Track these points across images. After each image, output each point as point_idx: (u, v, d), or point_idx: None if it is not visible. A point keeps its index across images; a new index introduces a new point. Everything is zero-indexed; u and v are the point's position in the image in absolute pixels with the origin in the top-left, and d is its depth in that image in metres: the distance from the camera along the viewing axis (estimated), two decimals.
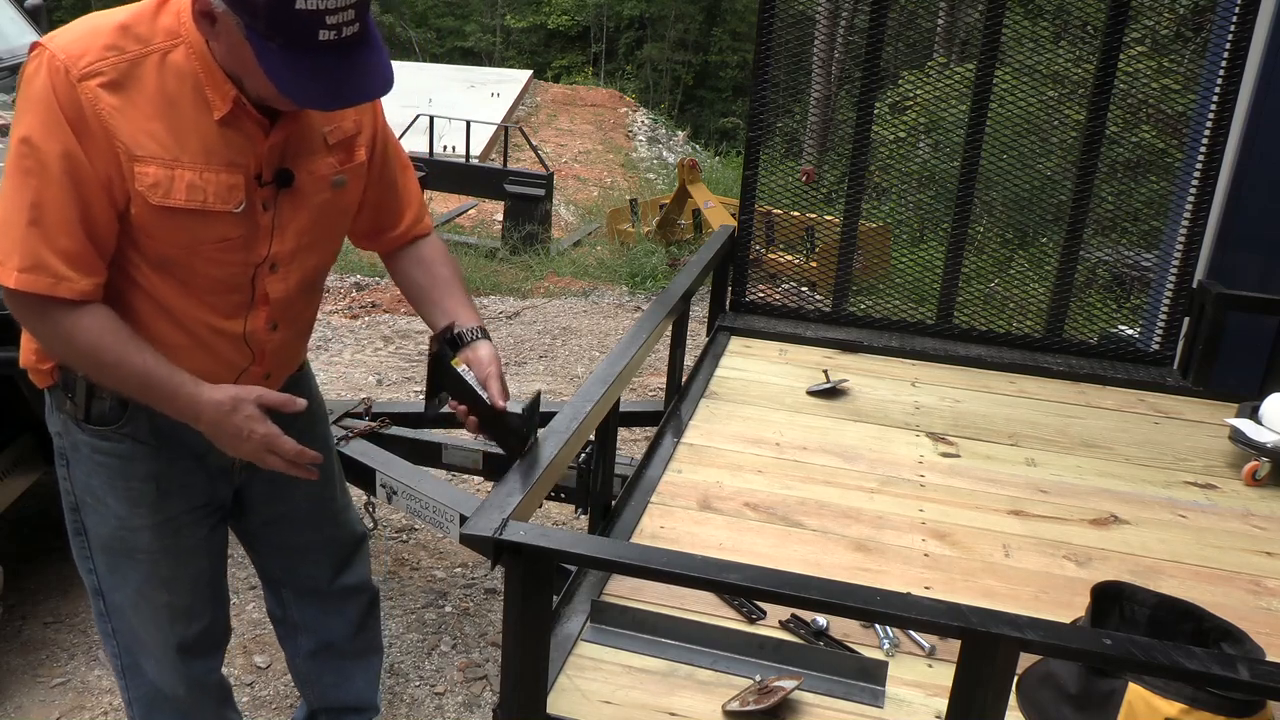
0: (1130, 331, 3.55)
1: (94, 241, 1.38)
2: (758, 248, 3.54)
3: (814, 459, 2.35)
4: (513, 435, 1.55)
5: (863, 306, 3.42)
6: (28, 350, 1.58)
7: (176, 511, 1.66)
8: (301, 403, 1.54)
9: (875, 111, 3.26)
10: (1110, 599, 1.59)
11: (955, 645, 1.20)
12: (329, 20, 1.27)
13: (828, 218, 3.90)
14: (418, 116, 9.86)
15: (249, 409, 1.48)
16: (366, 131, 1.61)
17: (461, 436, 3.12)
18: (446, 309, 1.68)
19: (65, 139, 1.33)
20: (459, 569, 3.30)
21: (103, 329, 1.41)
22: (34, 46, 1.37)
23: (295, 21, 1.26)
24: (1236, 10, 2.91)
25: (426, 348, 1.65)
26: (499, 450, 2.84)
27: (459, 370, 1.55)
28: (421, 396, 4.87)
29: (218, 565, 1.80)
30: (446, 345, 1.57)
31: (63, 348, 1.45)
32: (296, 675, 2.14)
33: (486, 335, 1.65)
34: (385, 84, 1.37)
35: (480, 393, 1.55)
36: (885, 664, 1.54)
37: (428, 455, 2.94)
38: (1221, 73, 2.96)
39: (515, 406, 1.56)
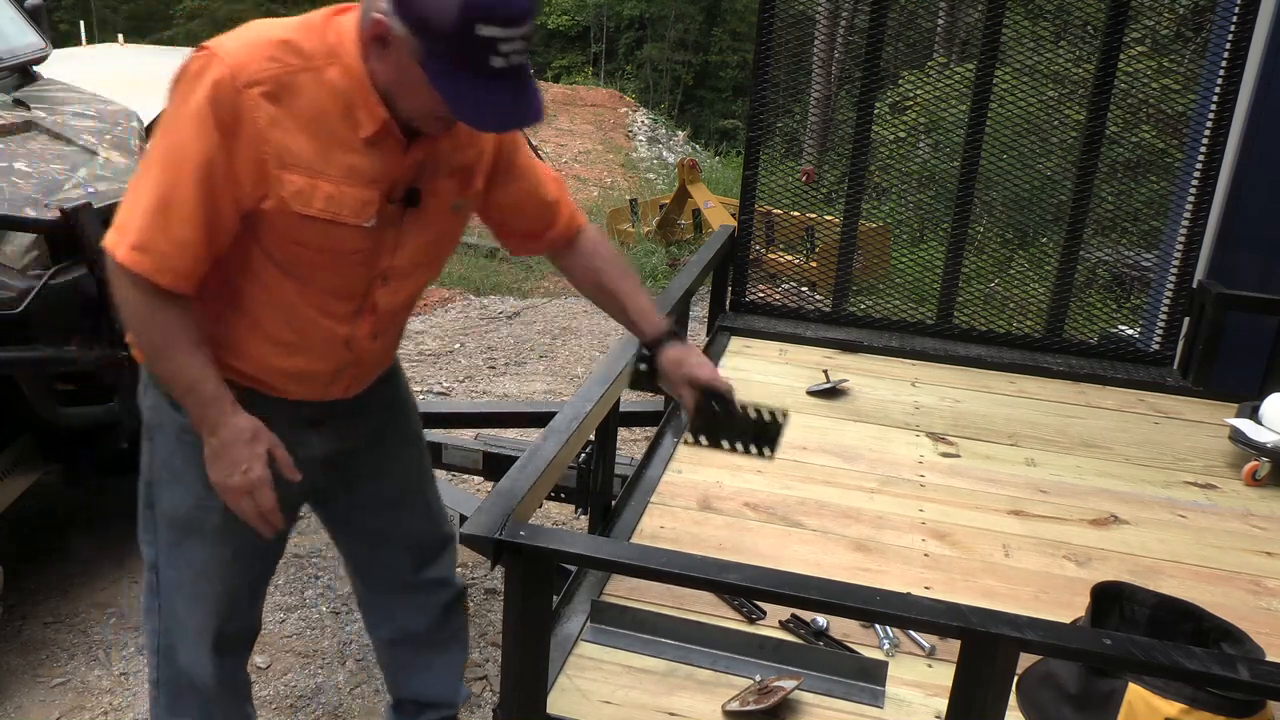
0: (1130, 331, 3.56)
1: (208, 243, 1.46)
2: (758, 248, 3.54)
3: (814, 459, 2.35)
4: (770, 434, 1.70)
5: (863, 306, 3.42)
6: None
7: None
8: (295, 476, 1.59)
9: (875, 111, 3.26)
10: (1110, 599, 1.59)
11: (955, 645, 1.20)
12: (503, 48, 1.34)
13: (828, 218, 3.91)
14: None
15: (261, 449, 1.54)
16: (486, 160, 1.68)
17: (461, 436, 3.12)
18: (637, 306, 1.77)
19: (210, 141, 1.39)
20: (459, 569, 3.29)
21: (182, 325, 1.49)
22: (201, 50, 1.43)
23: (474, 47, 1.33)
24: (1236, 10, 2.91)
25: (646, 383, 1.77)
26: (499, 450, 2.84)
27: (718, 410, 1.67)
28: (422, 397, 4.87)
29: (269, 565, 1.84)
30: (711, 401, 1.68)
31: (138, 326, 1.51)
32: (379, 661, 2.17)
33: (674, 334, 1.74)
34: (540, 112, 1.46)
35: (749, 414, 1.69)
36: (885, 664, 1.54)
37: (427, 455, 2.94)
38: (1221, 73, 2.96)
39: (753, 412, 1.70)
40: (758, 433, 1.70)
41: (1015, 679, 1.37)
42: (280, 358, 1.58)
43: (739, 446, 1.71)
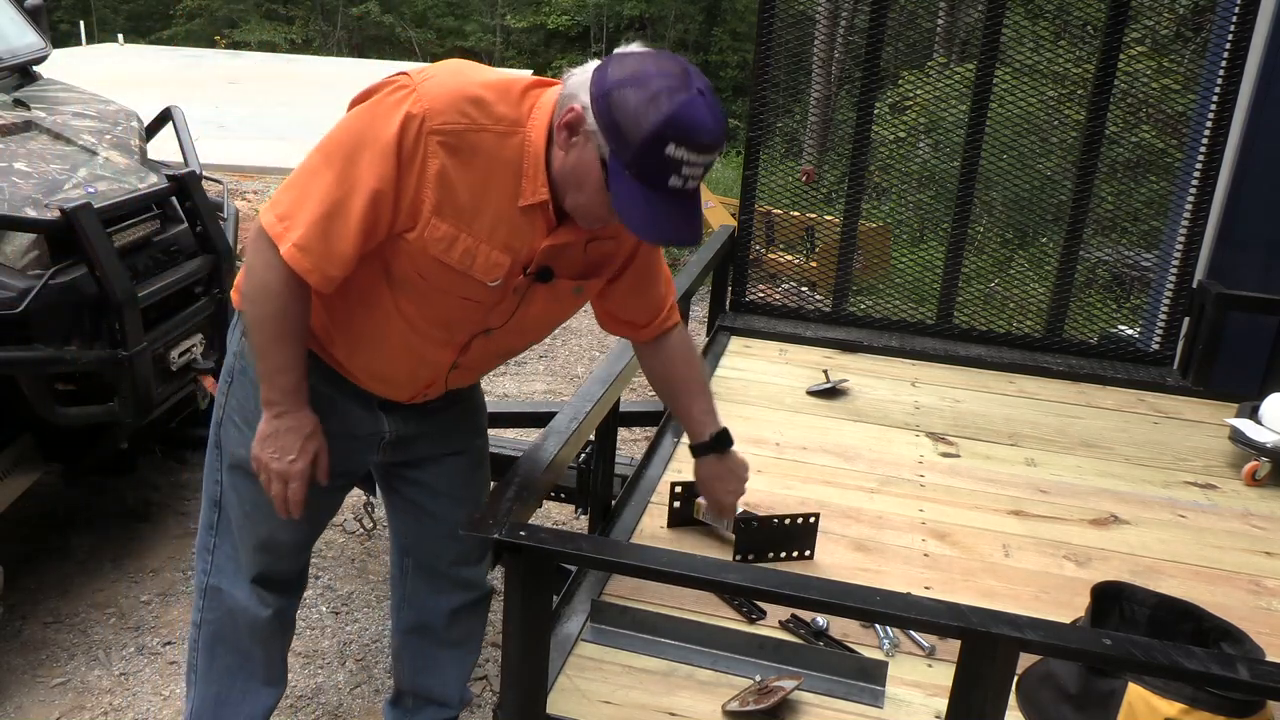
0: (1130, 331, 3.56)
1: (360, 259, 1.51)
2: (758, 248, 3.54)
3: (814, 459, 2.35)
4: (806, 537, 1.92)
5: (863, 306, 3.42)
6: (243, 270, 1.68)
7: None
8: (321, 480, 1.66)
9: (875, 111, 3.26)
10: (1110, 599, 1.59)
11: (955, 645, 1.20)
12: (684, 171, 1.38)
13: (828, 218, 3.91)
14: None
15: (312, 446, 1.61)
16: (622, 256, 1.72)
17: None
18: (688, 411, 1.86)
19: (388, 171, 1.44)
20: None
21: (300, 319, 1.55)
22: (403, 78, 1.47)
23: (659, 164, 1.36)
24: (1236, 10, 2.91)
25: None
26: (499, 450, 2.86)
27: (757, 528, 1.88)
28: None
29: (317, 525, 1.89)
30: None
31: (263, 302, 1.55)
32: (393, 649, 2.19)
33: (722, 441, 1.83)
34: (698, 235, 1.50)
35: (784, 524, 1.89)
36: (885, 664, 1.54)
37: None
38: (1221, 73, 2.96)
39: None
40: (796, 537, 1.89)
41: (1015, 679, 1.37)
42: (365, 357, 1.65)
43: (783, 555, 1.88)
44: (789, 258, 4.25)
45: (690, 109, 1.34)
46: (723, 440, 1.82)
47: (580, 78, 1.41)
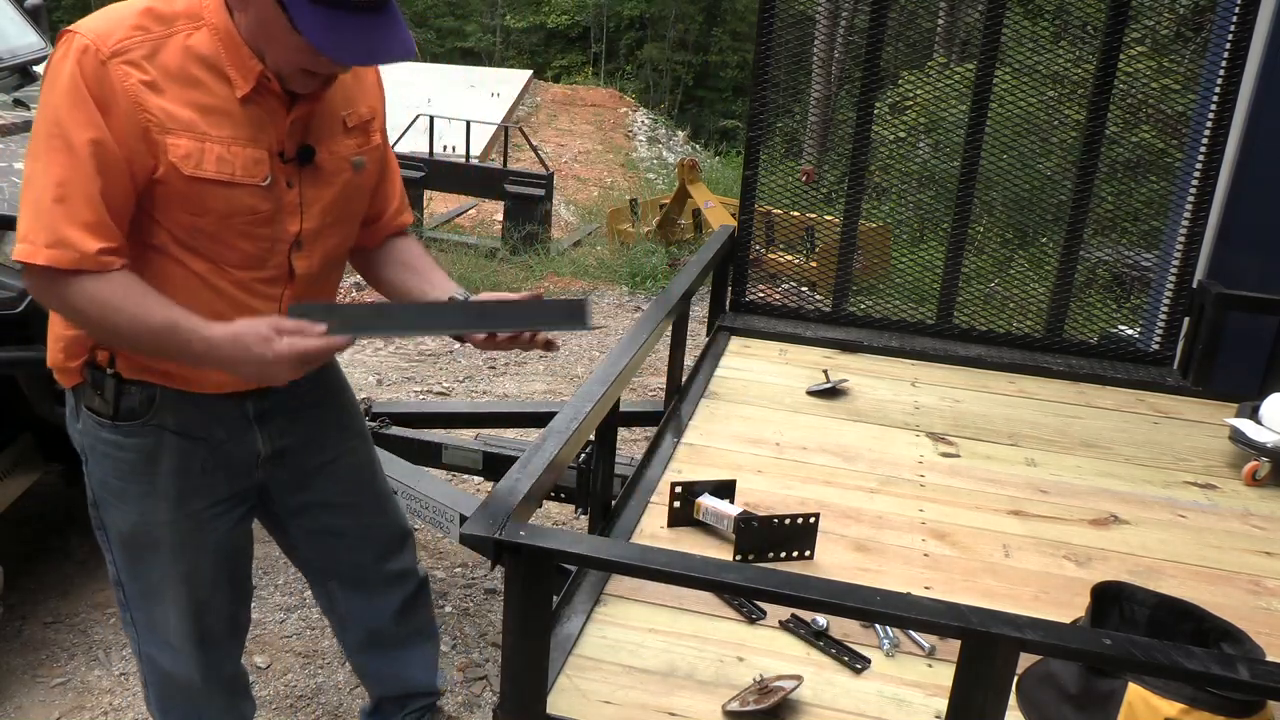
0: (1130, 331, 3.55)
1: (113, 215, 1.42)
2: (758, 248, 3.54)
3: (814, 459, 2.35)
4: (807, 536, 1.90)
5: (863, 306, 3.42)
6: (55, 350, 1.61)
7: (198, 506, 1.69)
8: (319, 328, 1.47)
9: (875, 111, 3.25)
10: (1110, 599, 1.59)
11: (955, 645, 1.20)
12: None
13: (828, 218, 3.90)
14: (418, 116, 9.86)
15: (262, 328, 1.42)
16: (379, 118, 1.68)
17: (461, 436, 3.12)
18: (430, 286, 1.72)
19: (91, 116, 1.37)
20: (459, 569, 3.30)
21: (127, 290, 1.43)
22: (62, 34, 1.42)
23: None
24: (1236, 10, 2.91)
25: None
26: (499, 450, 2.87)
27: (757, 528, 1.86)
28: (421, 397, 4.88)
29: (240, 559, 1.83)
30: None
31: (95, 317, 1.45)
32: (354, 668, 2.18)
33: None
34: (409, 49, 1.44)
35: (785, 523, 1.88)
36: (586, 300, 1.55)
37: (427, 455, 2.94)
38: (1221, 73, 2.96)
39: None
40: (796, 537, 1.89)
41: (1015, 679, 1.37)
42: None
43: (783, 555, 1.88)
44: (789, 258, 4.25)
45: None
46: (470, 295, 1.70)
47: None
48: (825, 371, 2.86)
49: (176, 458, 1.63)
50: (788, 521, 1.87)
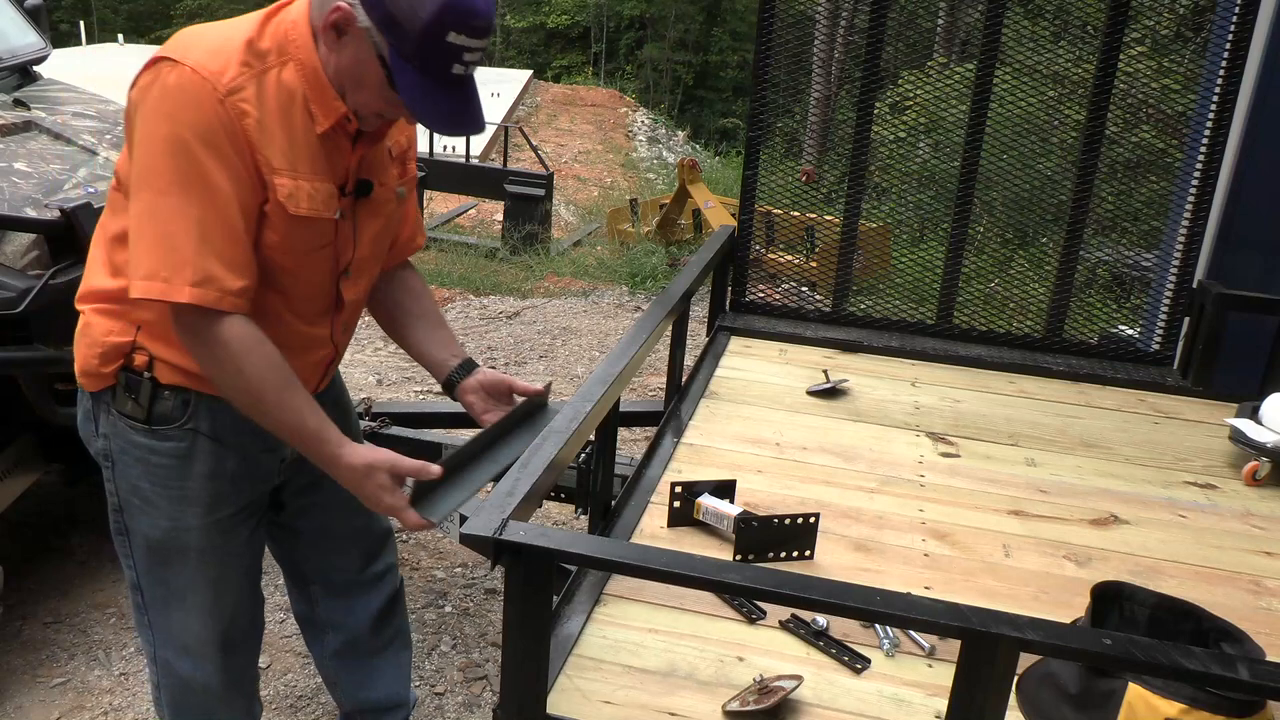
0: (1130, 331, 3.55)
1: (253, 258, 1.47)
2: (758, 248, 3.54)
3: (814, 459, 2.35)
4: (806, 536, 1.90)
5: (863, 306, 3.42)
6: (89, 355, 1.60)
7: (228, 512, 1.70)
8: (435, 470, 1.58)
9: (875, 111, 3.26)
10: (1110, 599, 1.59)
11: (955, 645, 1.20)
12: (465, 56, 1.38)
13: (828, 218, 3.90)
14: None
15: (381, 478, 1.54)
16: (414, 148, 1.73)
17: (462, 437, 3.12)
18: (431, 340, 1.82)
19: (224, 152, 1.39)
20: (459, 569, 3.30)
21: (265, 356, 1.47)
22: (161, 59, 1.40)
23: (440, 51, 1.36)
24: (1236, 10, 2.91)
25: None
26: None
27: (757, 527, 1.86)
28: (421, 397, 4.88)
29: (257, 563, 1.85)
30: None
31: (231, 374, 1.47)
32: (325, 678, 2.16)
33: (472, 362, 1.83)
34: (483, 121, 1.51)
35: (784, 523, 1.88)
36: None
37: (427, 455, 2.93)
38: (1221, 73, 2.96)
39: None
40: (796, 537, 1.88)
41: (1015, 679, 1.37)
42: None
43: (783, 555, 1.88)
44: (789, 258, 4.25)
45: None
46: (472, 362, 1.81)
47: None
48: (825, 371, 2.86)
49: (210, 462, 1.64)
50: (788, 521, 1.87)
